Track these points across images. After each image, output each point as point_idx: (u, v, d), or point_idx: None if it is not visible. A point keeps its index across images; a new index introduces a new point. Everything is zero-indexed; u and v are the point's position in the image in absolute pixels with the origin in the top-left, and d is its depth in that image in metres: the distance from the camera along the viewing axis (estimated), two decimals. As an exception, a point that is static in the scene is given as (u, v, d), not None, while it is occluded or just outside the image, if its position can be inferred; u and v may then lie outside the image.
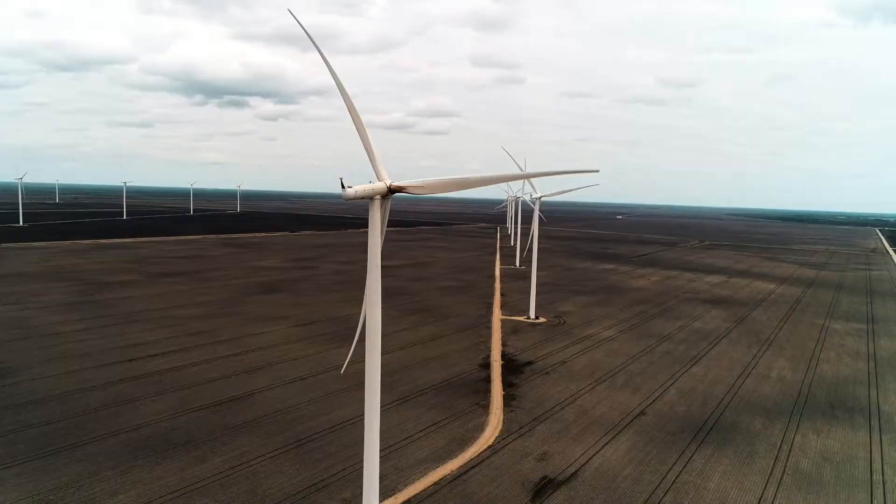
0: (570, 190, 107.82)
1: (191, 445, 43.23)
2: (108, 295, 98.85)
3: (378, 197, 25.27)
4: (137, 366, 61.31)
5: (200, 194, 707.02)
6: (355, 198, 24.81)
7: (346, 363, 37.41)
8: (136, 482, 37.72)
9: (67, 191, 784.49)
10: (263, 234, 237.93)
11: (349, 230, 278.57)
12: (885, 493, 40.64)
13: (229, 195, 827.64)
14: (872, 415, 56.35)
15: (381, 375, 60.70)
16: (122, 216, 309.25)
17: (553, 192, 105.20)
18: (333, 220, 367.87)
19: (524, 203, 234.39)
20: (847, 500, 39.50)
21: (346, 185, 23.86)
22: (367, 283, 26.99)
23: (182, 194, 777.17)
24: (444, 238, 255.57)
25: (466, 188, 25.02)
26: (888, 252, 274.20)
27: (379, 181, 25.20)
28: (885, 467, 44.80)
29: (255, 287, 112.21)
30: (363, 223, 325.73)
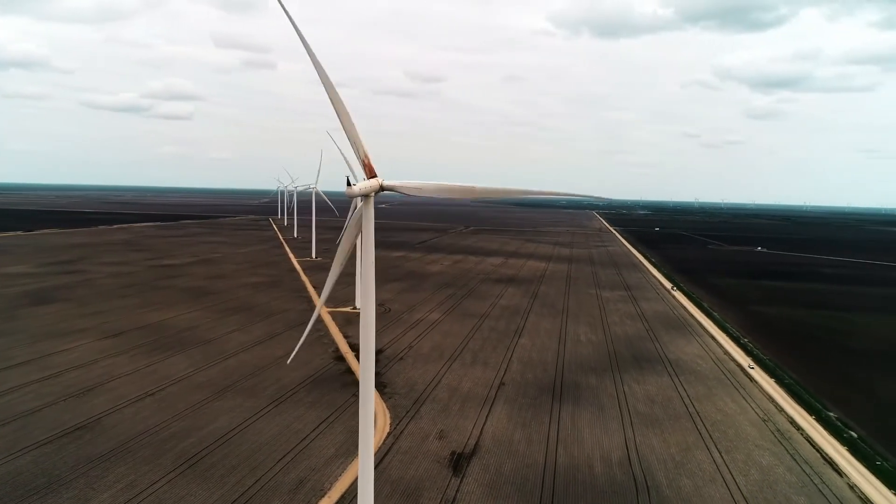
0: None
1: (59, 487, 36.73)
2: None
3: (372, 193, 25.05)
4: (-84, 406, 48.78)
5: None
6: (358, 195, 24.34)
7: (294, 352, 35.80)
8: (13, 539, 31.23)
9: None
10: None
11: (101, 227, 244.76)
12: (703, 421, 51.44)
13: None
14: (665, 362, 69.68)
15: (238, 380, 57.80)
16: None
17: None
18: (75, 215, 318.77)
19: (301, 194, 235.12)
20: (682, 430, 49.23)
21: (351, 183, 23.33)
22: (363, 277, 26.57)
23: None
24: (217, 232, 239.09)
25: (464, 196, 25.19)
26: (612, 231, 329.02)
27: (369, 178, 24.95)
28: (693, 401, 56.38)
29: (18, 298, 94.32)
30: (113, 219, 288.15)
